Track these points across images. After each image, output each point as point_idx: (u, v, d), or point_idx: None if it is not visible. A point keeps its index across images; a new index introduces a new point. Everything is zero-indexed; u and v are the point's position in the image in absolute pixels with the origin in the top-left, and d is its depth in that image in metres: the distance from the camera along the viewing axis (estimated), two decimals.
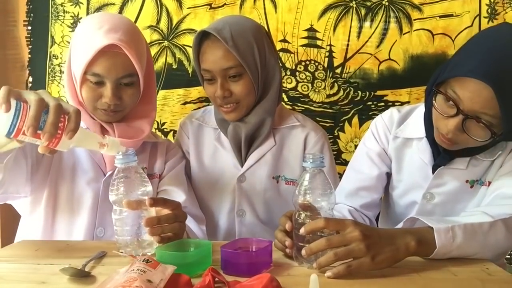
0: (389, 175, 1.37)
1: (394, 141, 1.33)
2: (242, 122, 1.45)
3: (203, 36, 1.40)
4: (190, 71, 1.94)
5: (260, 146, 1.46)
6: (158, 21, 1.94)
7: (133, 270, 0.82)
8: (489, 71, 1.02)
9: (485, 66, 1.03)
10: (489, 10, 1.84)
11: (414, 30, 1.87)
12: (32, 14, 1.97)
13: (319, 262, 0.92)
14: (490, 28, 1.15)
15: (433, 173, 1.24)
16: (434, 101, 1.13)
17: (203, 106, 1.91)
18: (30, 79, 1.96)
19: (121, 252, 1.01)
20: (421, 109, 1.29)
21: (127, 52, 1.22)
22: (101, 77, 1.24)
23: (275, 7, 1.90)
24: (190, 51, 1.93)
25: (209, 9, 1.93)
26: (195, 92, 1.94)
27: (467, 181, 1.22)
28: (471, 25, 1.84)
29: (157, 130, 1.96)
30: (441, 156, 1.22)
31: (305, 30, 1.90)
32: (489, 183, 1.20)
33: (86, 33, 1.26)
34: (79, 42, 1.27)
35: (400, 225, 1.16)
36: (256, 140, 1.46)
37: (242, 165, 1.48)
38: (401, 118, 1.34)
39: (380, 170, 1.34)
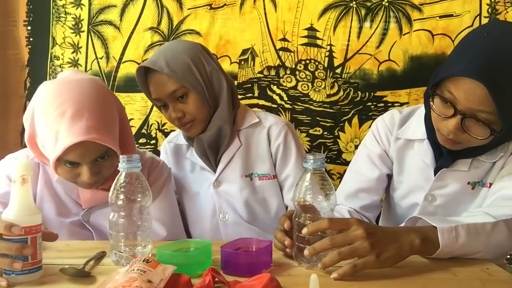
0: (390, 176, 1.37)
1: (396, 143, 1.33)
2: (202, 133, 1.51)
3: (145, 71, 1.47)
4: None
5: (227, 150, 1.52)
6: (159, 23, 1.96)
7: (133, 270, 0.83)
8: (480, 68, 1.03)
9: (476, 64, 1.04)
10: (489, 10, 1.84)
11: (414, 31, 1.87)
12: (32, 14, 1.98)
13: (324, 262, 0.92)
14: (481, 26, 1.16)
15: (434, 174, 1.24)
16: (432, 103, 1.14)
17: None
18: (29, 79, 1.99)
19: (121, 252, 1.01)
20: (422, 110, 1.30)
21: (98, 141, 1.15)
22: (75, 162, 1.18)
23: (275, 6, 1.91)
24: None
25: (209, 9, 1.94)
26: None
27: (468, 183, 1.23)
28: (472, 25, 1.84)
29: (157, 131, 1.98)
30: (443, 158, 1.23)
31: (305, 29, 1.91)
32: (490, 184, 1.20)
33: (46, 117, 1.17)
34: (40, 123, 1.19)
35: (402, 225, 1.16)
36: (221, 146, 1.52)
37: (214, 172, 1.53)
38: (402, 119, 1.35)
39: (381, 172, 1.35)
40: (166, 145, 1.65)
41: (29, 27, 1.99)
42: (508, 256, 1.76)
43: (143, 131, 2.01)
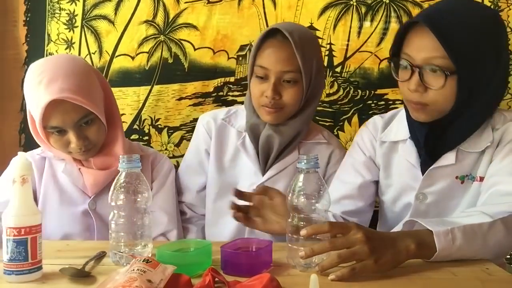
0: (377, 182, 1.40)
1: (381, 147, 1.37)
2: (277, 132, 1.47)
3: (268, 33, 1.42)
4: (186, 66, 1.96)
5: (285, 158, 1.48)
6: (155, 16, 1.96)
7: (133, 270, 0.84)
8: (427, 14, 1.18)
9: (425, 12, 1.21)
10: (492, 7, 1.84)
11: None
12: (29, 13, 2.00)
13: (322, 265, 0.94)
14: None
15: (422, 172, 1.27)
16: (396, 77, 1.23)
17: (199, 102, 1.95)
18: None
19: (121, 252, 1.04)
20: (403, 112, 1.34)
21: (71, 100, 1.26)
22: (60, 127, 1.29)
23: (275, 4, 1.92)
24: (186, 45, 1.96)
25: (207, 3, 1.95)
26: (191, 87, 1.96)
27: (457, 177, 1.25)
28: None
29: (150, 127, 1.98)
30: (427, 154, 1.25)
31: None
32: (481, 178, 1.22)
33: (30, 89, 1.31)
34: (28, 98, 1.33)
35: (399, 227, 1.19)
36: (284, 151, 1.48)
37: (262, 174, 1.50)
38: (385, 123, 1.40)
39: (365, 179, 1.38)
40: (211, 121, 1.58)
41: (27, 26, 1.99)
42: (508, 256, 1.78)
43: (135, 126, 2.00)
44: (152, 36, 1.97)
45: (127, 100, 1.99)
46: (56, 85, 1.26)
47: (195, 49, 1.96)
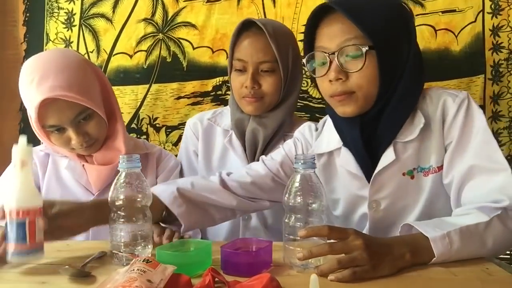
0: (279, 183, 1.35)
1: (318, 161, 1.30)
2: (261, 125, 1.49)
3: (243, 27, 1.46)
4: (185, 65, 1.98)
5: (271, 151, 1.48)
6: (153, 14, 1.98)
7: (133, 270, 0.85)
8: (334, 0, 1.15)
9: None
10: (492, 6, 1.87)
11: (416, 26, 1.87)
12: (28, 13, 2.02)
13: (322, 269, 0.95)
14: None
15: (366, 179, 1.22)
16: (315, 78, 1.20)
17: (198, 102, 1.96)
18: None
19: (121, 252, 1.04)
20: (330, 120, 1.30)
21: (64, 98, 1.25)
22: (58, 125, 1.29)
23: (274, 1, 1.94)
24: (185, 44, 1.98)
25: (206, 2, 1.97)
26: (190, 86, 1.98)
27: (404, 174, 1.20)
28: (475, 21, 1.88)
29: (148, 126, 2.00)
30: (364, 157, 1.21)
31: (305, 25, 1.92)
32: (439, 168, 1.18)
33: (23, 89, 1.30)
34: (23, 98, 1.32)
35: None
36: (269, 145, 1.51)
37: None
38: (318, 133, 1.36)
39: (269, 172, 1.34)
40: (197, 122, 1.63)
41: (26, 26, 2.02)
42: (508, 256, 1.79)
43: (133, 125, 2.02)
44: (151, 35, 1.98)
45: (125, 98, 2.00)
46: (47, 84, 1.24)
47: (194, 48, 1.98)
